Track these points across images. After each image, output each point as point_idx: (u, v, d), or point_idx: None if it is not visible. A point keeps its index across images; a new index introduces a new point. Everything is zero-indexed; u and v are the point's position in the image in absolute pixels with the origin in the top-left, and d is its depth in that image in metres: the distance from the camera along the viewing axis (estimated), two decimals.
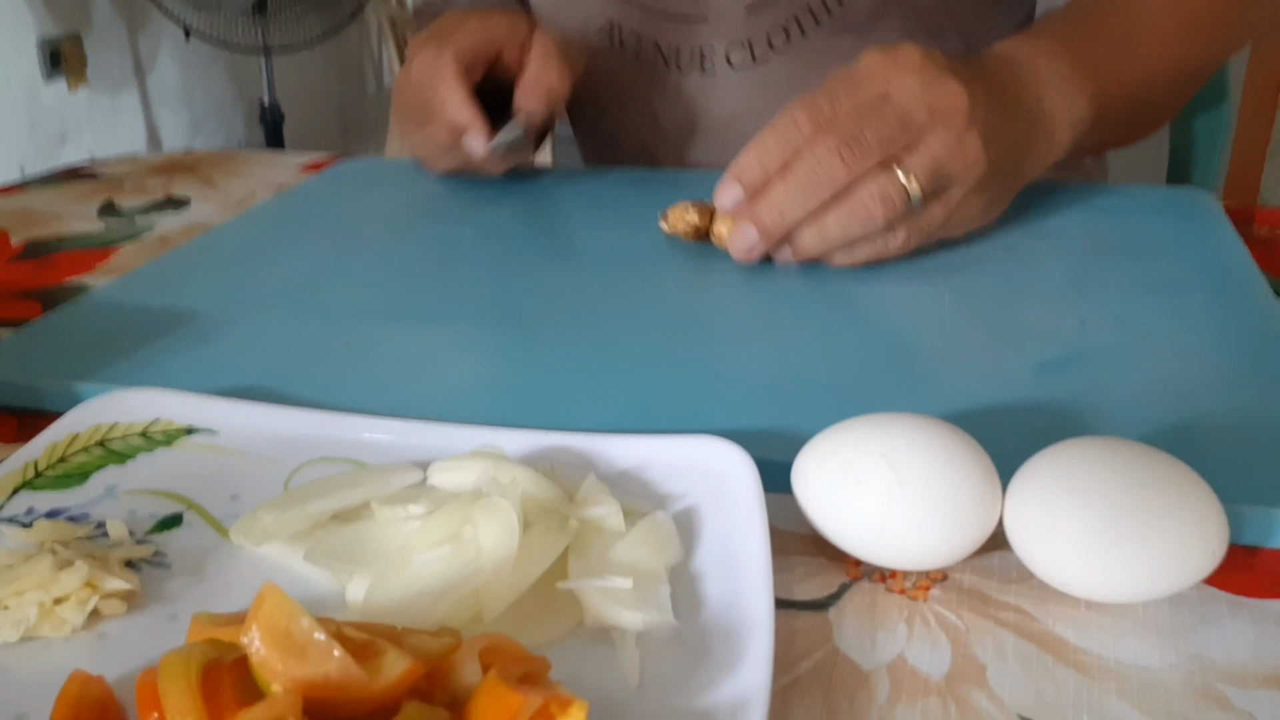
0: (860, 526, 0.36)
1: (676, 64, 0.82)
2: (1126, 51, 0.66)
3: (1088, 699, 0.32)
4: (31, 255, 0.69)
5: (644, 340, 0.52)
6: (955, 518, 0.35)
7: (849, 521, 0.36)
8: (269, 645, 0.27)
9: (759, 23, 0.78)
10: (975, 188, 0.58)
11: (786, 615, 0.35)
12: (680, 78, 0.83)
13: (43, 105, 2.41)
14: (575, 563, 0.35)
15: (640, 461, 0.41)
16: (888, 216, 0.56)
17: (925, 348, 0.52)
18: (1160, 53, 0.68)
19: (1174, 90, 0.71)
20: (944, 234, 0.60)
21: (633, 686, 0.31)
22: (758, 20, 0.78)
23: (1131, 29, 0.67)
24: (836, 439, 0.37)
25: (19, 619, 0.33)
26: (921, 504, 0.35)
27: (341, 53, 3.39)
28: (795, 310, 0.56)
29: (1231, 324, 0.52)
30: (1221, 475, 0.40)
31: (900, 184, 0.55)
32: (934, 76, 0.57)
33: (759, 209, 0.57)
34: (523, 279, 0.60)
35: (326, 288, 0.59)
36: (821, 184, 0.55)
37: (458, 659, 0.29)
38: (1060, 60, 0.63)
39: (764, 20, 0.78)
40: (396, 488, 0.39)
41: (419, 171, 0.82)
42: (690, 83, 0.82)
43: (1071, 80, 0.63)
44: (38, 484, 0.41)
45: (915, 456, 0.35)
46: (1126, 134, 0.74)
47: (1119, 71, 0.65)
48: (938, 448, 0.36)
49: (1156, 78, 0.68)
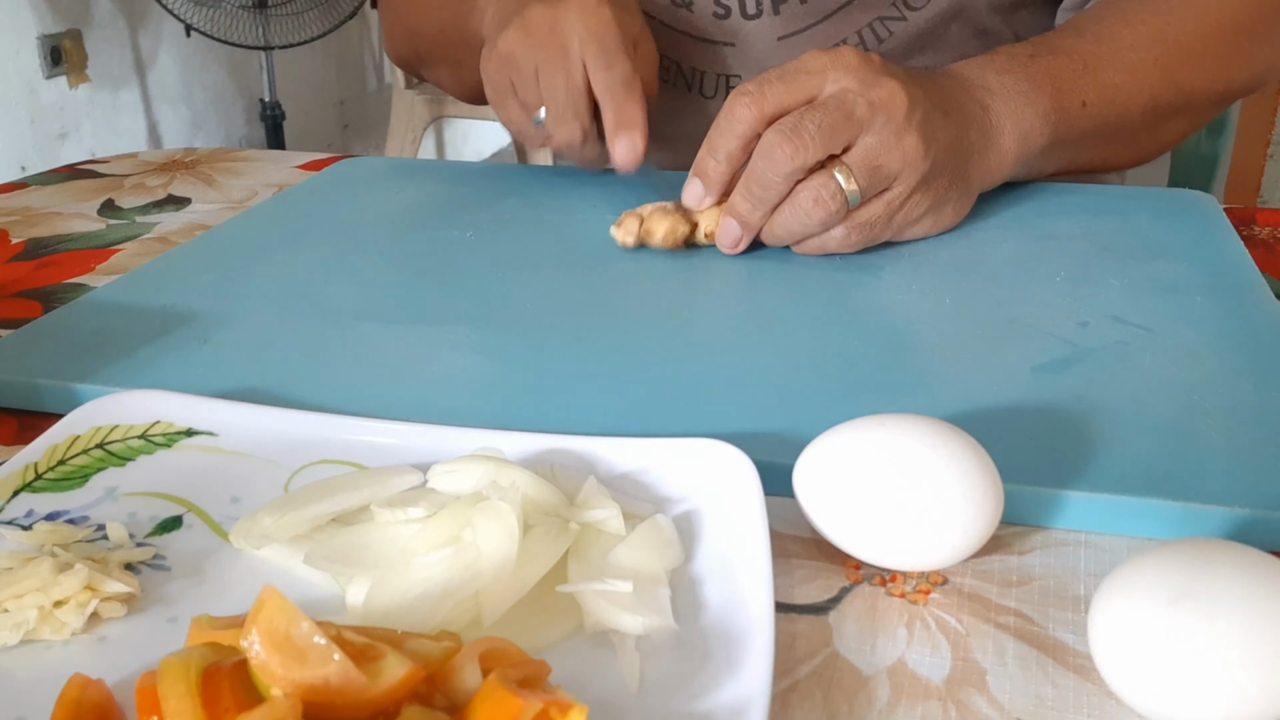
0: (862, 526, 0.36)
1: (700, 89, 0.82)
2: (1094, 74, 0.66)
3: (1088, 703, 0.32)
4: (31, 254, 0.69)
5: (644, 342, 0.52)
6: (957, 517, 0.35)
7: (850, 521, 0.36)
8: (269, 649, 0.27)
9: (789, 52, 0.78)
10: (918, 186, 0.59)
11: (786, 619, 0.35)
12: (703, 102, 0.82)
13: (43, 102, 2.41)
14: (575, 566, 0.35)
15: (640, 464, 0.41)
16: (823, 217, 0.57)
17: (926, 348, 0.52)
18: (1134, 81, 0.67)
19: (1153, 120, 0.70)
20: (892, 234, 0.61)
21: (633, 690, 0.31)
22: (788, 50, 0.78)
23: (1103, 53, 0.67)
24: (839, 439, 0.37)
25: (19, 622, 0.33)
26: (923, 503, 0.35)
27: (342, 50, 3.39)
28: (796, 312, 0.56)
29: (1231, 324, 0.52)
30: (1222, 476, 0.40)
31: (837, 184, 0.57)
32: (872, 77, 0.57)
33: (733, 202, 0.59)
34: (522, 279, 0.60)
35: (327, 287, 0.59)
36: (770, 178, 0.57)
37: (458, 663, 0.29)
38: (1011, 75, 0.64)
39: (795, 50, 0.78)
40: (396, 490, 0.39)
41: (418, 171, 0.82)
42: (713, 108, 0.81)
43: (1024, 95, 0.64)
44: (37, 486, 0.41)
45: (918, 456, 0.35)
46: (1104, 157, 0.73)
47: (1083, 93, 0.66)
48: (940, 447, 0.36)
49: (1130, 104, 0.68)
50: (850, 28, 0.78)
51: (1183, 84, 0.70)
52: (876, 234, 0.60)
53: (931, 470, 0.35)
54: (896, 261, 0.61)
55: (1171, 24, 0.69)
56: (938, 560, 0.36)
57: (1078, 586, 0.37)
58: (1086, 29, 0.69)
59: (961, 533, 0.35)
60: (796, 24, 0.78)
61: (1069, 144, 0.67)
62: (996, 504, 0.36)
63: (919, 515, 0.35)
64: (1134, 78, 0.67)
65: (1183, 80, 0.69)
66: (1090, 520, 0.39)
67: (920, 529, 0.35)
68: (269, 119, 2.78)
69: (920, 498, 0.35)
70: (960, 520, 0.35)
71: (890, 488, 0.35)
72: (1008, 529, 0.39)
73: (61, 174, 0.87)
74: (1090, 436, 0.43)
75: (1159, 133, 0.74)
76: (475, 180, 0.77)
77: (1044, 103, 0.64)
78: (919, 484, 0.35)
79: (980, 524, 0.35)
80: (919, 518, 0.35)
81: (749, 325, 0.54)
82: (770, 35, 0.78)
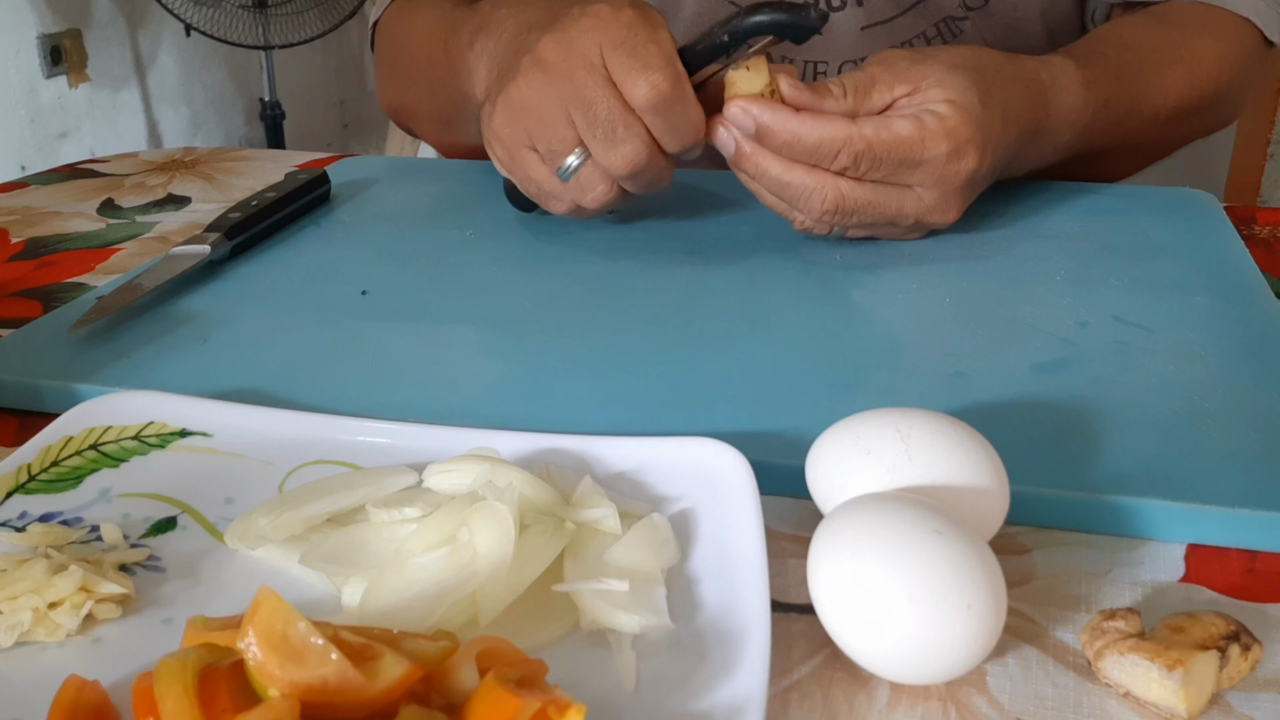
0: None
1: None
2: (1122, 73, 0.68)
3: (1088, 703, 0.32)
4: (31, 254, 0.69)
5: (641, 341, 0.52)
6: (967, 515, 0.35)
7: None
8: (265, 649, 0.27)
9: (873, 43, 0.79)
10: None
11: (785, 619, 0.35)
12: None
13: (43, 102, 2.41)
14: (571, 565, 0.35)
15: (637, 464, 0.40)
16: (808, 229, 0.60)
17: (925, 348, 0.51)
18: (1154, 94, 0.70)
19: (1166, 130, 0.73)
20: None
21: (629, 689, 0.31)
22: (872, 40, 0.79)
23: (1130, 63, 0.69)
24: (849, 430, 0.37)
25: (13, 624, 0.33)
26: (936, 498, 0.34)
27: (342, 49, 3.38)
28: (793, 312, 0.55)
29: (1232, 324, 0.52)
30: (1222, 476, 0.40)
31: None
32: (955, 184, 0.58)
33: (763, 164, 0.58)
34: (521, 279, 0.60)
35: (326, 287, 0.59)
36: (788, 196, 0.58)
37: (454, 662, 0.29)
38: (1057, 57, 0.66)
39: (879, 41, 0.79)
40: (392, 490, 0.39)
41: (418, 171, 0.82)
42: None
43: (1066, 66, 0.65)
44: (31, 488, 0.40)
45: (928, 446, 0.35)
46: (1116, 159, 0.75)
47: (1115, 80, 0.67)
48: (951, 434, 0.36)
49: (1145, 109, 0.70)
50: (928, 20, 0.79)
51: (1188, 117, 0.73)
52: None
53: (944, 461, 0.35)
54: (896, 261, 0.60)
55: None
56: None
57: (1078, 586, 0.37)
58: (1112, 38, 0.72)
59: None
60: (879, 15, 0.79)
61: (1099, 126, 0.67)
62: (1004, 498, 0.36)
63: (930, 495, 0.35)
64: (1157, 95, 0.70)
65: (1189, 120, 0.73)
66: (1090, 520, 0.39)
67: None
68: (269, 119, 2.78)
69: (929, 480, 0.35)
70: (970, 517, 0.35)
71: (900, 464, 0.35)
72: (1008, 528, 0.39)
73: (61, 173, 0.87)
74: (1090, 436, 0.43)
75: (1159, 146, 0.76)
76: (475, 180, 0.77)
77: (1084, 74, 0.65)
78: (930, 469, 0.35)
79: (988, 522, 0.35)
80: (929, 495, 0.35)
81: (745, 325, 0.54)
82: (854, 26, 0.79)
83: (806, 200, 0.57)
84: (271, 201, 0.67)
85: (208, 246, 0.61)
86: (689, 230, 0.66)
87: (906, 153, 0.56)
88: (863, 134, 0.55)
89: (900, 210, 0.58)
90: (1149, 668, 0.31)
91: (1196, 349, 0.50)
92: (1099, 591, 0.36)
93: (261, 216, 0.66)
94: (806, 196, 0.57)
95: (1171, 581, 0.37)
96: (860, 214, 0.58)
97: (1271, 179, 2.22)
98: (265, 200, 0.67)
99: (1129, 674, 0.31)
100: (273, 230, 0.67)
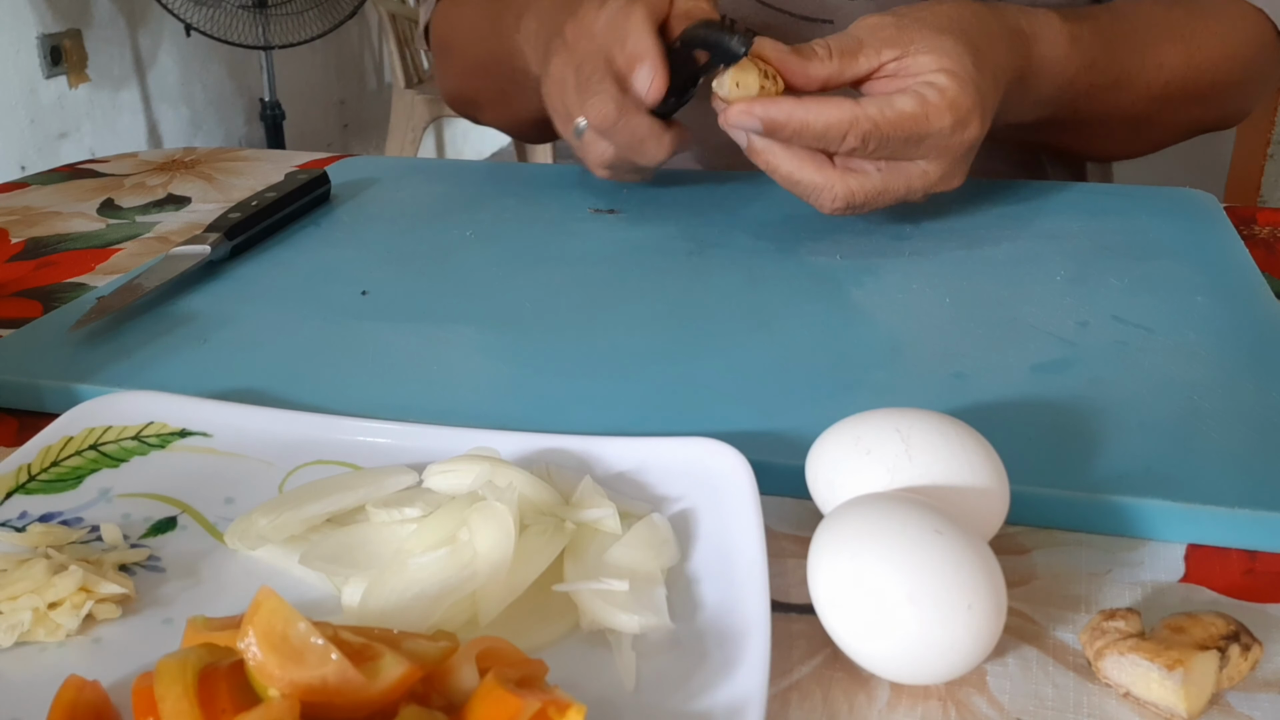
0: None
1: None
2: (1114, 40, 0.68)
3: (1088, 703, 0.32)
4: (31, 254, 0.69)
5: (641, 342, 0.52)
6: (968, 516, 0.35)
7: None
8: (265, 649, 0.27)
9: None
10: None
11: (785, 619, 0.35)
12: None
13: (43, 102, 2.41)
14: (571, 565, 0.35)
15: (637, 464, 0.40)
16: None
17: (925, 348, 0.51)
18: (1147, 66, 0.70)
19: (1160, 109, 0.72)
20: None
21: (630, 689, 0.31)
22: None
23: (1124, 31, 0.69)
24: (849, 430, 0.37)
25: (13, 624, 0.33)
26: (936, 495, 0.34)
27: (342, 49, 3.39)
28: (793, 312, 0.55)
29: (1232, 324, 0.52)
30: (1222, 476, 0.40)
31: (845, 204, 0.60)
32: (957, 155, 0.59)
33: (771, 151, 0.59)
34: (521, 279, 0.60)
35: (326, 287, 0.59)
36: (800, 190, 0.59)
37: (455, 662, 0.29)
38: (1042, 10, 0.66)
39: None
40: (392, 490, 0.39)
41: (418, 171, 0.82)
42: None
43: (1051, 18, 0.65)
44: (31, 488, 0.40)
45: (928, 447, 0.35)
46: (1108, 132, 0.74)
47: (1105, 44, 0.67)
48: (951, 434, 0.36)
49: (1137, 80, 0.69)
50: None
51: (1186, 96, 0.72)
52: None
53: (944, 460, 0.35)
54: (896, 261, 0.61)
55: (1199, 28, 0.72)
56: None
57: (1078, 586, 0.37)
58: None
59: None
60: (890, 3, 0.78)
61: (1081, 86, 0.67)
62: (1004, 498, 0.36)
63: (930, 495, 0.35)
64: (1148, 67, 0.70)
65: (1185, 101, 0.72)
66: (1090, 520, 0.39)
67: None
68: (269, 118, 2.78)
69: (931, 491, 0.35)
70: (970, 519, 0.35)
71: (900, 465, 0.35)
72: (1008, 528, 0.39)
73: (61, 173, 0.87)
74: (1090, 436, 0.43)
75: (1158, 130, 0.75)
76: (475, 180, 0.77)
77: (1069, 28, 0.65)
78: (930, 470, 0.35)
79: (988, 522, 0.35)
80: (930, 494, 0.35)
81: (745, 325, 0.54)
82: (865, 14, 0.78)
83: (817, 197, 0.59)
84: (271, 201, 0.67)
85: (208, 246, 0.61)
86: (689, 230, 0.66)
87: (912, 129, 0.57)
88: (868, 114, 0.56)
89: (909, 189, 0.59)
90: (1149, 668, 0.31)
91: (1196, 349, 0.50)
92: (1099, 591, 0.36)
93: (261, 216, 0.66)
94: (816, 194, 0.59)
95: (1171, 581, 0.37)
96: (870, 205, 0.59)
97: (1271, 179, 2.22)
98: (265, 200, 0.67)
99: (1129, 674, 0.31)
100: (273, 230, 0.67)
